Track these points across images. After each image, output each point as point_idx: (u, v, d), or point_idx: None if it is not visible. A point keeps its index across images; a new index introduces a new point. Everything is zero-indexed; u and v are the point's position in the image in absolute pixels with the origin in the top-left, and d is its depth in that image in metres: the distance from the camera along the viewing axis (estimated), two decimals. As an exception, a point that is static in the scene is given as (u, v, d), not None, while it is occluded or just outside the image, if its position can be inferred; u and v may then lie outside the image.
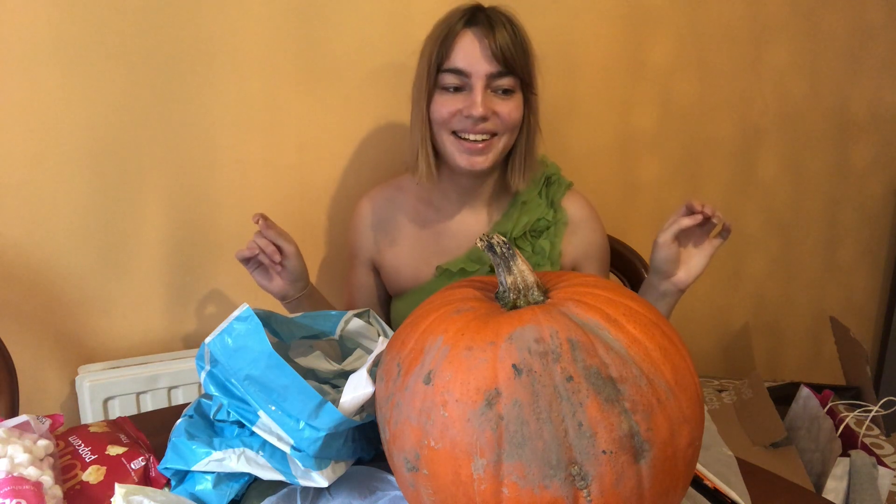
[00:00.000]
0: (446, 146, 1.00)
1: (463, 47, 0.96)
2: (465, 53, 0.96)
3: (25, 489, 0.60)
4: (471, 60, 0.96)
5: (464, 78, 0.97)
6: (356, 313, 0.86)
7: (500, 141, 1.00)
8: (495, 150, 1.00)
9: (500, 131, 0.99)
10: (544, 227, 1.07)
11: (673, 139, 1.73)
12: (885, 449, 1.43)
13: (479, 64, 0.96)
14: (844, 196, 2.16)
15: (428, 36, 1.02)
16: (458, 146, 0.99)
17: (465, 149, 0.98)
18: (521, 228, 1.06)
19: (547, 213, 1.07)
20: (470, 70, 0.96)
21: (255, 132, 1.20)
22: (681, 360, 0.58)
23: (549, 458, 0.52)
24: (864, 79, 2.07)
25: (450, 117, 0.98)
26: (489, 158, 1.00)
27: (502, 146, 1.01)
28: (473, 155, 0.99)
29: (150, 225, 1.16)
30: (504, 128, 0.99)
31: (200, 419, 0.75)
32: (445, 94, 0.98)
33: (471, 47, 0.96)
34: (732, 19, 1.74)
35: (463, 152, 0.99)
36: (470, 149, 0.98)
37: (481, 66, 0.96)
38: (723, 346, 2.03)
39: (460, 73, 0.97)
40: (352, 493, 0.69)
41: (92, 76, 1.07)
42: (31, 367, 1.11)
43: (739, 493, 0.74)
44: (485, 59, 0.96)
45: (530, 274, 0.63)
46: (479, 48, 0.96)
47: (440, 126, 0.99)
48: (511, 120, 0.99)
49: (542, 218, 1.07)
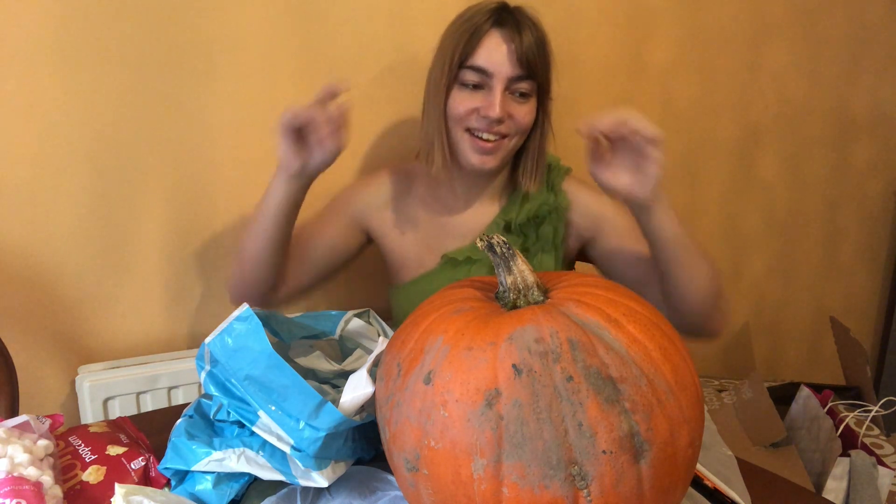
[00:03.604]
0: (459, 143, 1.01)
1: (488, 47, 0.96)
2: (489, 54, 0.96)
3: (25, 489, 0.60)
4: (495, 61, 0.96)
5: (484, 77, 0.97)
6: (356, 313, 0.86)
7: (511, 142, 1.01)
8: (504, 151, 1.01)
9: (512, 133, 1.00)
10: (546, 212, 1.08)
11: (673, 139, 1.73)
12: (885, 449, 1.43)
13: (502, 66, 0.96)
14: (844, 196, 2.16)
15: (449, 30, 1.01)
16: (472, 144, 1.00)
17: (477, 147, 1.00)
18: (525, 214, 1.07)
19: (549, 198, 1.09)
20: (492, 70, 0.96)
21: (255, 132, 1.20)
22: (681, 360, 0.58)
23: (549, 458, 0.52)
24: (864, 79, 2.07)
25: (466, 115, 0.99)
26: (497, 158, 1.01)
27: (511, 147, 1.02)
28: (483, 154, 1.00)
29: (150, 225, 1.16)
30: (516, 130, 1.00)
31: (200, 419, 0.75)
32: (464, 91, 0.99)
33: (497, 49, 0.96)
34: (732, 19, 1.74)
35: (475, 151, 1.00)
36: (481, 147, 0.99)
37: (504, 69, 0.96)
38: (723, 346, 2.03)
39: (482, 72, 0.97)
40: (352, 493, 0.69)
41: (92, 76, 1.07)
42: (31, 367, 1.11)
43: (739, 493, 0.74)
44: (509, 62, 0.96)
45: (530, 274, 0.63)
46: (505, 51, 0.96)
47: (455, 122, 1.00)
48: (524, 123, 1.00)
49: (545, 203, 1.08)
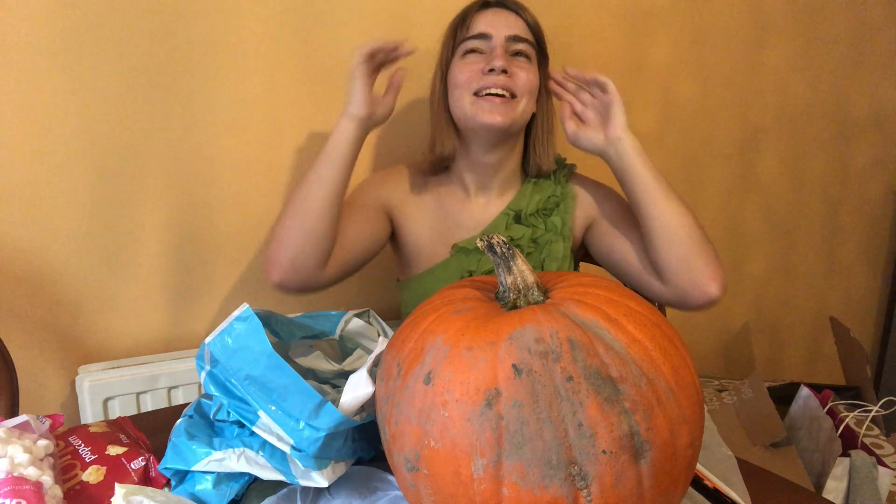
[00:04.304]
0: (467, 109, 1.02)
1: (483, 19, 1.03)
2: (486, 20, 1.03)
3: (25, 489, 0.60)
4: (492, 24, 1.02)
5: (483, 41, 1.02)
6: (356, 313, 0.86)
7: (519, 104, 1.02)
8: (514, 111, 1.02)
9: (519, 94, 1.02)
10: (554, 203, 1.10)
11: (673, 139, 1.73)
12: (885, 449, 1.43)
13: (498, 27, 1.02)
14: (844, 196, 2.16)
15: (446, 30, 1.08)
16: (479, 105, 1.01)
17: (487, 105, 1.01)
18: (535, 205, 1.09)
19: (556, 189, 1.11)
20: (490, 31, 1.02)
21: (255, 132, 1.20)
22: (681, 360, 0.58)
23: (549, 458, 0.52)
24: (864, 79, 2.07)
25: (470, 77, 1.01)
26: (509, 117, 1.01)
27: (521, 110, 1.03)
28: (494, 111, 1.00)
29: (151, 225, 1.16)
30: (521, 90, 1.02)
31: (200, 419, 0.75)
32: (466, 59, 1.03)
33: (491, 17, 1.03)
34: (732, 19, 1.74)
35: (485, 110, 1.01)
36: (491, 103, 1.00)
37: (501, 29, 1.02)
38: (723, 346, 2.03)
39: (480, 37, 1.02)
40: (352, 493, 0.69)
41: (92, 77, 1.07)
42: (31, 367, 1.11)
43: (739, 493, 0.74)
44: (504, 24, 1.02)
45: (530, 274, 0.63)
46: (499, 17, 1.03)
47: (462, 89, 1.02)
48: (529, 83, 1.03)
49: (553, 195, 1.10)
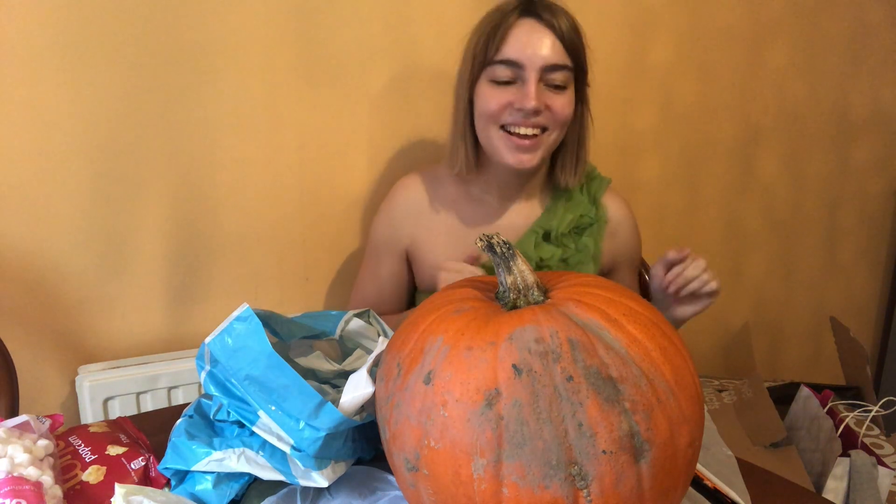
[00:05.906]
0: (493, 141, 0.96)
1: (517, 38, 0.92)
2: (520, 45, 0.92)
3: (25, 489, 0.60)
4: (525, 53, 0.91)
5: (516, 70, 0.92)
6: (356, 313, 0.86)
7: (550, 137, 0.96)
8: (544, 147, 0.96)
9: (551, 127, 0.95)
10: (587, 223, 1.04)
11: (673, 139, 1.73)
12: (885, 449, 1.43)
13: (534, 56, 0.91)
14: (844, 196, 2.15)
15: (476, 26, 0.98)
16: (507, 142, 0.95)
17: (513, 145, 0.94)
18: (567, 225, 1.03)
19: (589, 210, 1.04)
20: (524, 61, 0.91)
21: (255, 132, 1.20)
22: (681, 360, 0.58)
23: (549, 458, 0.52)
24: (864, 79, 2.07)
25: (499, 110, 0.94)
26: (537, 156, 0.96)
27: (551, 142, 0.97)
28: (521, 152, 0.95)
29: (151, 225, 1.16)
30: (555, 123, 0.95)
31: (200, 419, 0.75)
32: (495, 87, 0.94)
33: (527, 39, 0.91)
34: (732, 19, 1.74)
35: (511, 149, 0.95)
36: (518, 145, 0.94)
37: (536, 59, 0.91)
38: (723, 346, 2.03)
39: (512, 65, 0.92)
40: (352, 493, 0.69)
41: (92, 76, 1.07)
42: (31, 367, 1.11)
43: (739, 493, 0.74)
44: (540, 52, 0.91)
45: (530, 274, 0.63)
46: (536, 40, 0.91)
47: (488, 120, 0.95)
48: (563, 115, 0.95)
49: (586, 215, 1.04)
